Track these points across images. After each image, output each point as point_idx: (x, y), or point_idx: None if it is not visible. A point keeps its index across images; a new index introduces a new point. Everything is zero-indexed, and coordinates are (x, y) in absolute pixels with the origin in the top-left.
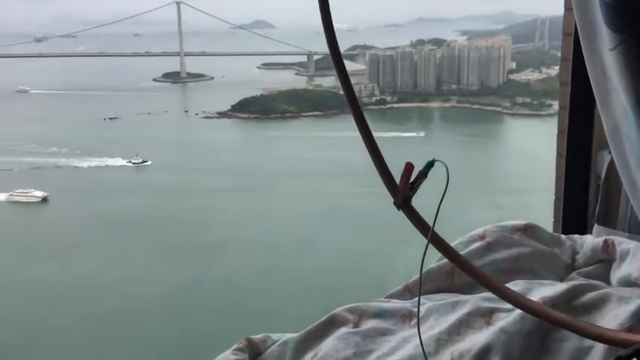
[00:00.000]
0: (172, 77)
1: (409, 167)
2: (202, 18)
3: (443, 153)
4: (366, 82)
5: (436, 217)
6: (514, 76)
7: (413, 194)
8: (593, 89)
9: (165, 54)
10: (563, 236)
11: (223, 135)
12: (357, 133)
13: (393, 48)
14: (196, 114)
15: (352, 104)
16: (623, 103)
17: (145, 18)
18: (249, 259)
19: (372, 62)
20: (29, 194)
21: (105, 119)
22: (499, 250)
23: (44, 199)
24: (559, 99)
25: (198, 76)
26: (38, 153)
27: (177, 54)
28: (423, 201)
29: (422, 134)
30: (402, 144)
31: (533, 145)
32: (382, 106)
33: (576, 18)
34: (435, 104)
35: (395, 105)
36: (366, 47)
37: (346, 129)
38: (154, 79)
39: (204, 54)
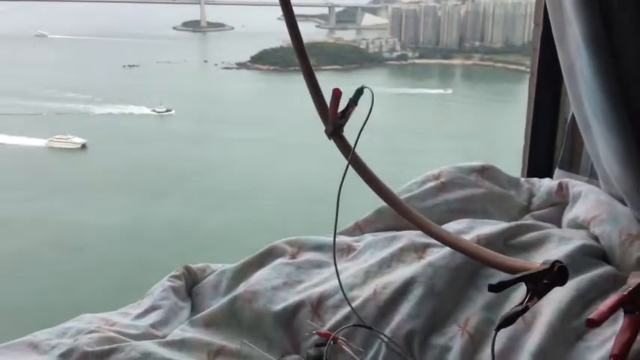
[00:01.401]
0: (192, 26)
1: (336, 93)
2: None
3: (478, 111)
4: (388, 36)
5: (357, 140)
6: None
7: (344, 123)
8: (551, 22)
9: (185, 2)
10: (521, 179)
11: (242, 86)
12: (376, 89)
13: (417, 2)
14: (215, 64)
15: (292, 31)
16: (577, 37)
17: None
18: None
19: (394, 16)
20: (69, 140)
21: (124, 66)
22: (452, 190)
23: (83, 146)
24: (532, 41)
25: (218, 26)
26: (60, 98)
27: (198, 2)
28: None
29: (449, 91)
30: (431, 101)
31: None
32: (403, 62)
33: None
34: (457, 61)
35: (416, 61)
36: (389, 1)
37: (364, 84)
38: (174, 28)
39: (224, 3)
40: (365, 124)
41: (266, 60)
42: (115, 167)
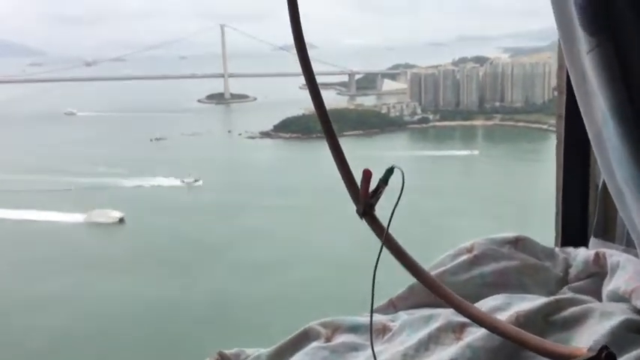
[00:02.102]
0: (216, 98)
1: (367, 174)
2: (245, 40)
3: (509, 171)
4: (408, 100)
5: (390, 221)
6: None
7: (375, 202)
8: (575, 94)
9: (209, 75)
10: (556, 249)
11: (266, 154)
12: (399, 152)
13: (435, 66)
14: (239, 134)
15: (317, 102)
16: (603, 108)
17: (191, 41)
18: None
19: (413, 81)
20: (107, 215)
21: (151, 140)
22: (486, 264)
23: (121, 220)
24: (556, 107)
25: (241, 97)
26: (90, 173)
27: (221, 75)
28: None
29: (476, 152)
30: (461, 162)
31: None
32: (424, 125)
33: (555, 20)
34: (478, 122)
35: (437, 123)
36: (407, 66)
37: (387, 148)
38: (199, 101)
39: (247, 75)
40: (397, 204)
41: (289, 128)
42: (152, 240)
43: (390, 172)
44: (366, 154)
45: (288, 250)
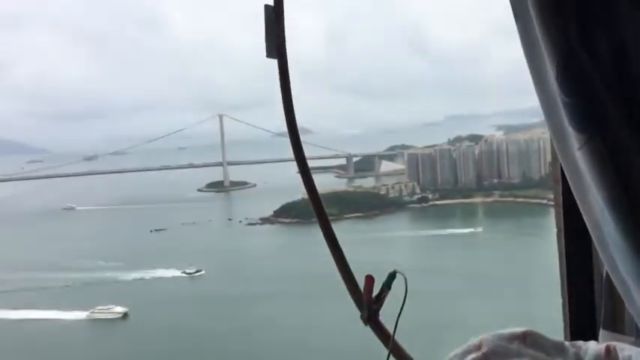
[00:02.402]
0: (216, 186)
1: (370, 280)
2: (244, 128)
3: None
4: (406, 181)
5: (396, 327)
6: None
7: (379, 308)
8: (571, 187)
9: (208, 164)
10: (566, 343)
11: (267, 241)
12: (400, 233)
13: (432, 146)
14: (240, 221)
15: (318, 211)
16: (599, 202)
17: (190, 132)
18: None
19: (410, 161)
20: (110, 310)
21: (151, 231)
22: None
23: (124, 315)
24: (554, 196)
25: (240, 184)
26: (90, 268)
27: (220, 164)
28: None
29: (479, 229)
30: (464, 240)
31: None
32: (424, 204)
33: (545, 117)
34: (478, 199)
35: (437, 202)
36: (404, 147)
37: (387, 229)
38: (199, 190)
39: (245, 162)
40: (402, 309)
41: (288, 213)
42: (157, 336)
43: (392, 277)
44: (366, 237)
45: (289, 342)
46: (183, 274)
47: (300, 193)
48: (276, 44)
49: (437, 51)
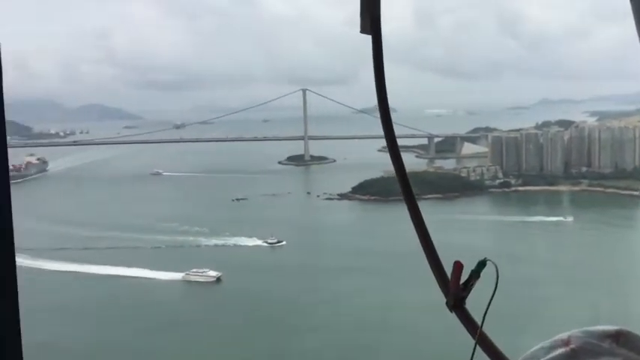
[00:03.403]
0: (296, 160)
1: (458, 266)
2: (326, 103)
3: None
4: (489, 164)
5: (483, 319)
6: None
7: (466, 295)
8: None
9: (290, 138)
10: None
11: (344, 216)
12: (482, 217)
13: (517, 130)
14: (318, 195)
15: (406, 193)
16: None
17: (274, 104)
18: None
19: (494, 144)
20: (204, 274)
21: (233, 200)
22: (585, 359)
23: (218, 279)
24: None
25: (320, 159)
26: (175, 232)
27: (302, 138)
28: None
29: (570, 218)
30: (552, 229)
31: None
32: (506, 189)
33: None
34: (563, 187)
35: (520, 188)
36: (488, 129)
37: (467, 212)
38: (279, 162)
39: (327, 137)
40: (491, 300)
41: (366, 190)
42: (249, 301)
43: (482, 264)
44: (445, 218)
45: (376, 316)
46: (265, 244)
47: (380, 170)
48: (370, 20)
49: (530, 32)
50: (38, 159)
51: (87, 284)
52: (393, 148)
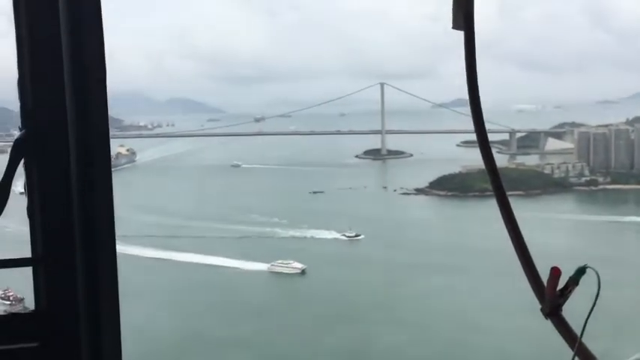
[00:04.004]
0: (373, 154)
1: (555, 273)
2: (404, 97)
3: None
4: (575, 161)
5: (584, 329)
6: None
7: (563, 302)
8: None
9: (367, 132)
10: None
11: (421, 212)
12: (566, 216)
13: (606, 125)
14: (394, 190)
15: (501, 200)
16: None
17: (351, 98)
18: None
19: (581, 140)
20: (290, 266)
21: (310, 193)
22: None
23: (303, 272)
24: None
25: (397, 153)
26: (255, 223)
27: (379, 132)
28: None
29: None
30: None
31: None
32: (593, 187)
33: None
34: None
35: (608, 186)
36: (574, 125)
37: (551, 210)
38: (356, 156)
39: (404, 132)
40: (592, 309)
41: (444, 186)
42: (335, 294)
43: (581, 271)
44: (526, 216)
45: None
46: (343, 237)
47: (458, 165)
48: (464, 14)
49: (622, 24)
50: (128, 150)
51: (176, 271)
52: (484, 145)
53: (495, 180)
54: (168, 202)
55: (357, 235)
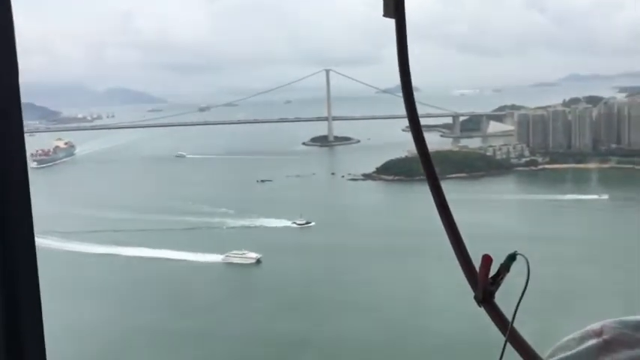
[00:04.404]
0: (320, 141)
1: (487, 260)
2: (350, 83)
3: None
4: (515, 142)
5: (514, 316)
6: None
7: (495, 289)
8: None
9: (313, 119)
10: None
11: (370, 197)
12: (508, 196)
13: (545, 107)
14: (342, 176)
15: (432, 181)
16: None
17: (297, 85)
18: None
19: (521, 122)
20: (244, 256)
21: (258, 181)
22: (619, 351)
23: (258, 261)
24: None
25: (344, 140)
26: (201, 213)
27: (325, 119)
28: None
29: (605, 196)
30: (592, 207)
31: None
32: (533, 168)
33: None
34: (592, 165)
35: (547, 166)
36: (514, 107)
37: (494, 191)
38: (303, 143)
39: (350, 118)
40: (522, 296)
41: (391, 170)
42: (292, 282)
43: (512, 258)
44: (470, 198)
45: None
46: (294, 225)
47: (404, 151)
48: (394, 2)
49: (557, 6)
50: (66, 143)
51: (128, 266)
52: (417, 130)
53: (428, 165)
54: (110, 196)
55: (307, 223)
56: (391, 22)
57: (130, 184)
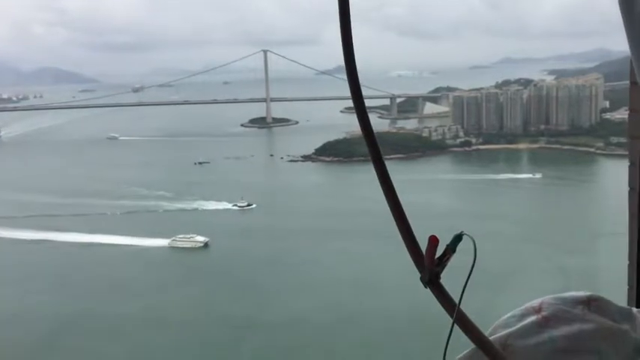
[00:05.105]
0: (259, 122)
1: (434, 241)
2: (288, 65)
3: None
4: (450, 124)
5: (461, 297)
6: (607, 116)
7: (441, 270)
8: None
9: (251, 100)
10: (634, 310)
11: (309, 178)
12: (439, 176)
13: (478, 89)
14: (281, 157)
15: (375, 156)
16: None
17: (234, 66)
18: None
19: (455, 104)
20: (191, 239)
21: (195, 163)
22: (557, 326)
23: (205, 245)
24: (629, 153)
25: (283, 121)
26: (138, 196)
27: (264, 100)
28: None
29: (538, 175)
30: (531, 186)
31: None
32: (467, 148)
33: (627, 36)
34: (522, 145)
35: (480, 147)
36: (449, 89)
37: (430, 171)
38: (242, 125)
39: (288, 99)
40: (469, 277)
41: (330, 152)
42: (242, 264)
43: (458, 238)
44: (408, 178)
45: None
46: (235, 207)
47: (342, 132)
48: None
49: None
50: None
51: (67, 252)
52: (362, 112)
53: (373, 145)
54: (40, 180)
55: (248, 205)
56: (330, 4)
57: (60, 167)
